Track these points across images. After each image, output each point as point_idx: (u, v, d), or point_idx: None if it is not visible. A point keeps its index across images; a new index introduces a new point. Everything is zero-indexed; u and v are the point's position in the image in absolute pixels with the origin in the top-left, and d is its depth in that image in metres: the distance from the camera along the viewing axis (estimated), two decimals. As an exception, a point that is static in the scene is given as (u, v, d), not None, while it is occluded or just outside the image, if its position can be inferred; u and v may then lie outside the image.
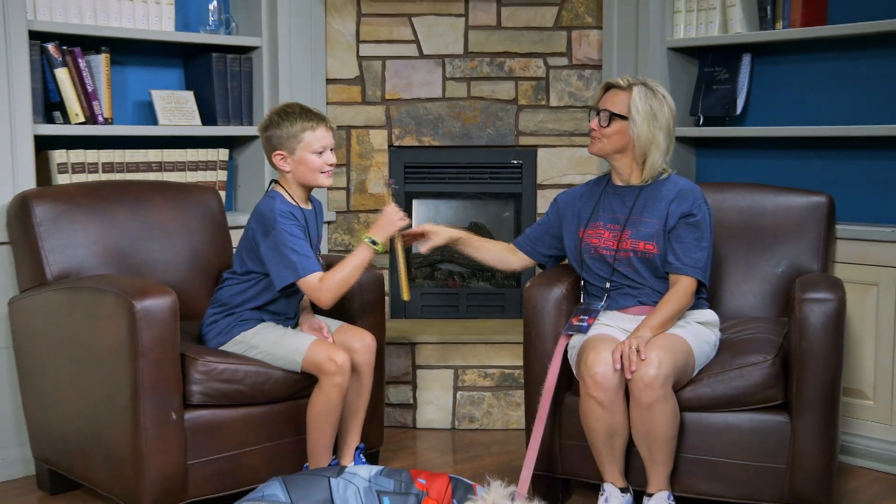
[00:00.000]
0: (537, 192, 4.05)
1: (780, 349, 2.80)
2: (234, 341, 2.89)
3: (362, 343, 2.94)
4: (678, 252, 2.83)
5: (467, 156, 4.07)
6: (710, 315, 2.92)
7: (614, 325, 2.86)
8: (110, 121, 3.44)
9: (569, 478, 2.97)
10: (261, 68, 3.81)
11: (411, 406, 3.79)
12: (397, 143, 4.04)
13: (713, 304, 3.10)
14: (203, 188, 3.51)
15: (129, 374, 2.61)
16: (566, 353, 2.87)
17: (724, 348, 2.88)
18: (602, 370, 2.64)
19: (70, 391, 2.85)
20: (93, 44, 3.42)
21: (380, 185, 4.02)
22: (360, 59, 4.01)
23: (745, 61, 3.71)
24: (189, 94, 3.72)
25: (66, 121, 3.34)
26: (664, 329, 2.75)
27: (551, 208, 3.11)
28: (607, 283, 2.91)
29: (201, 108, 3.73)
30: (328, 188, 3.97)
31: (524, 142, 4.04)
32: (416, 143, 4.05)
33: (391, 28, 3.99)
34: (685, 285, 2.80)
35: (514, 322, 3.95)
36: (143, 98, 3.69)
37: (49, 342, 2.91)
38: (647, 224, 2.87)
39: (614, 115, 2.86)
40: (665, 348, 2.65)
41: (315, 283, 2.78)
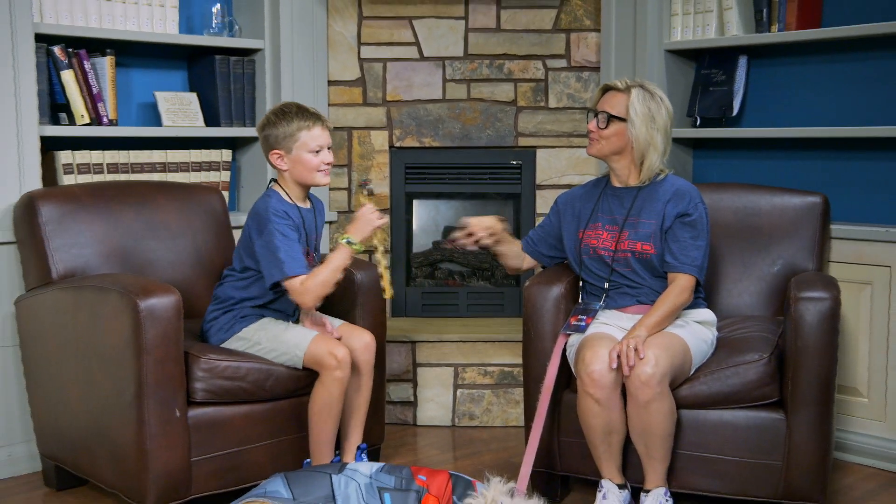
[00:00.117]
0: (536, 192, 4.05)
1: (776, 347, 2.81)
2: (236, 338, 2.90)
3: (362, 342, 2.94)
4: (674, 251, 2.84)
5: (467, 156, 4.08)
6: (707, 314, 2.93)
7: (613, 324, 2.87)
8: (115, 122, 3.45)
9: (567, 474, 2.98)
10: (263, 70, 3.82)
11: (412, 403, 3.80)
12: (398, 144, 4.05)
13: (710, 303, 3.11)
14: (206, 188, 3.52)
15: (133, 371, 2.62)
16: (565, 351, 2.88)
17: (721, 346, 2.89)
18: (599, 368, 2.65)
19: (75, 389, 2.86)
20: (98, 46, 3.43)
21: (382, 185, 4.05)
22: (361, 61, 4.01)
23: (742, 63, 3.72)
24: (193, 96, 3.73)
25: (72, 122, 3.35)
26: (661, 327, 2.76)
27: (552, 210, 3.12)
28: (606, 284, 2.93)
29: (205, 109, 3.74)
30: (330, 188, 4.03)
31: (523, 143, 4.04)
32: (417, 144, 4.05)
33: (392, 30, 4.00)
34: (682, 283, 2.81)
35: (513, 321, 3.96)
36: (147, 100, 3.70)
37: (55, 340, 2.92)
38: (645, 225, 2.88)
39: (612, 117, 2.87)
40: (662, 347, 2.66)
41: (298, 285, 2.78)
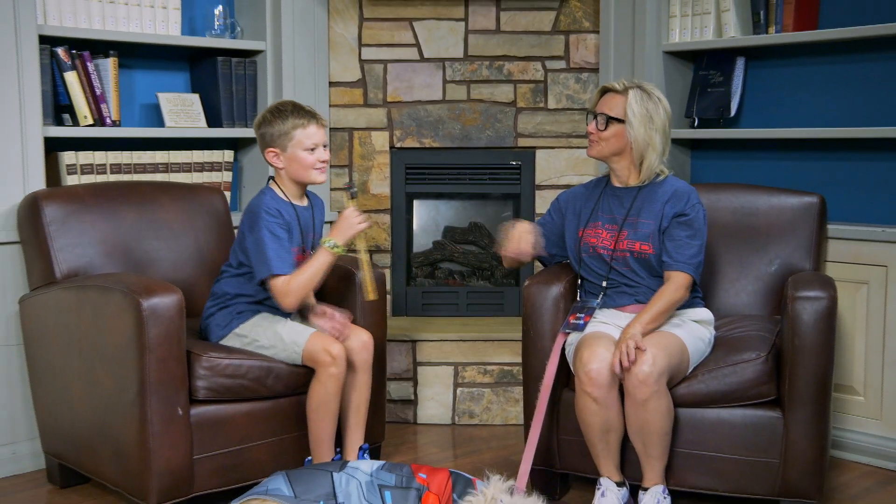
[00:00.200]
0: (536, 192, 4.06)
1: (773, 346, 2.82)
2: (234, 334, 2.92)
3: (360, 341, 2.95)
4: (671, 250, 2.85)
5: (467, 157, 4.09)
6: (705, 313, 2.94)
7: (611, 323, 2.88)
8: (118, 123, 3.47)
9: (566, 472, 2.99)
10: (265, 71, 3.83)
11: (412, 402, 3.81)
12: (398, 145, 4.06)
13: (707, 302, 3.12)
14: (208, 189, 3.53)
15: (136, 370, 2.63)
16: (564, 350, 2.89)
17: (719, 345, 2.89)
18: (596, 367, 2.66)
19: (79, 387, 2.87)
20: (101, 48, 3.44)
21: (382, 185, 4.07)
22: (362, 62, 4.02)
23: (739, 65, 3.73)
24: (195, 97, 3.74)
25: (75, 123, 3.37)
26: (656, 323, 2.77)
27: (553, 207, 3.11)
28: (604, 282, 2.94)
29: (207, 110, 3.75)
30: (331, 188, 4.05)
31: (523, 143, 4.05)
32: (417, 145, 4.07)
33: (392, 32, 4.01)
34: (678, 280, 2.82)
35: (513, 320, 3.97)
36: (150, 101, 3.71)
37: (58, 339, 2.94)
38: (644, 225, 2.89)
39: (611, 119, 2.88)
40: (660, 346, 2.67)
41: (281, 285, 2.80)
